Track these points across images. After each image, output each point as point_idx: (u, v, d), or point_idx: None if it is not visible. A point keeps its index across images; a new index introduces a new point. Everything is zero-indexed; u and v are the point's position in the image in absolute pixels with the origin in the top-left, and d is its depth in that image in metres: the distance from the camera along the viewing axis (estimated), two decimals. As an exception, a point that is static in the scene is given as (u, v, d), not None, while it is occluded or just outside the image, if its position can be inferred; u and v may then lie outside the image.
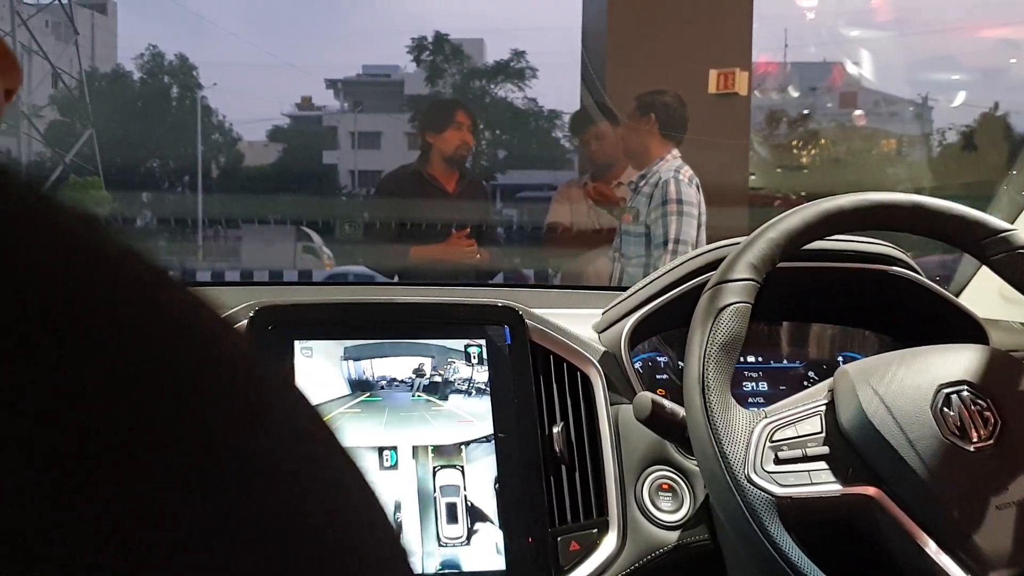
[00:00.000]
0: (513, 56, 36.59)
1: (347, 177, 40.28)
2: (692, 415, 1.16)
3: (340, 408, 1.34)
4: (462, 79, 37.15)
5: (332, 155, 41.26)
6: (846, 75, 23.52)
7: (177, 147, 36.04)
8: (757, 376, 1.60)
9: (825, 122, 26.08)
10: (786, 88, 21.96)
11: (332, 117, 43.99)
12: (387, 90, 43.68)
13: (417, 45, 37.26)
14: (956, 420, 1.13)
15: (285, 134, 42.81)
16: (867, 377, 1.17)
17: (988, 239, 1.28)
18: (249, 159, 39.99)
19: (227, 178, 36.88)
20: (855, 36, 15.39)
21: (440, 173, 4.32)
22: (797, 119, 22.29)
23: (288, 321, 1.38)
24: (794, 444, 1.15)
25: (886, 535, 1.12)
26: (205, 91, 38.71)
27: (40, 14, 27.95)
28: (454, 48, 37.32)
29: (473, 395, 1.39)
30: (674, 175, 3.99)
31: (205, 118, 37.26)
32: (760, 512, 1.09)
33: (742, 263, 1.22)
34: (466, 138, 4.37)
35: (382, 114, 41.00)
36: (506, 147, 37.03)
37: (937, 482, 1.10)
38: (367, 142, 41.28)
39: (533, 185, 26.46)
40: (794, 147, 21.51)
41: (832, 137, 24.84)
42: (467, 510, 1.32)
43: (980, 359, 1.21)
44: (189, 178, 34.51)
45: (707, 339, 1.17)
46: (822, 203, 1.27)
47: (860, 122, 26.35)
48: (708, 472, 1.15)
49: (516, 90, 37.11)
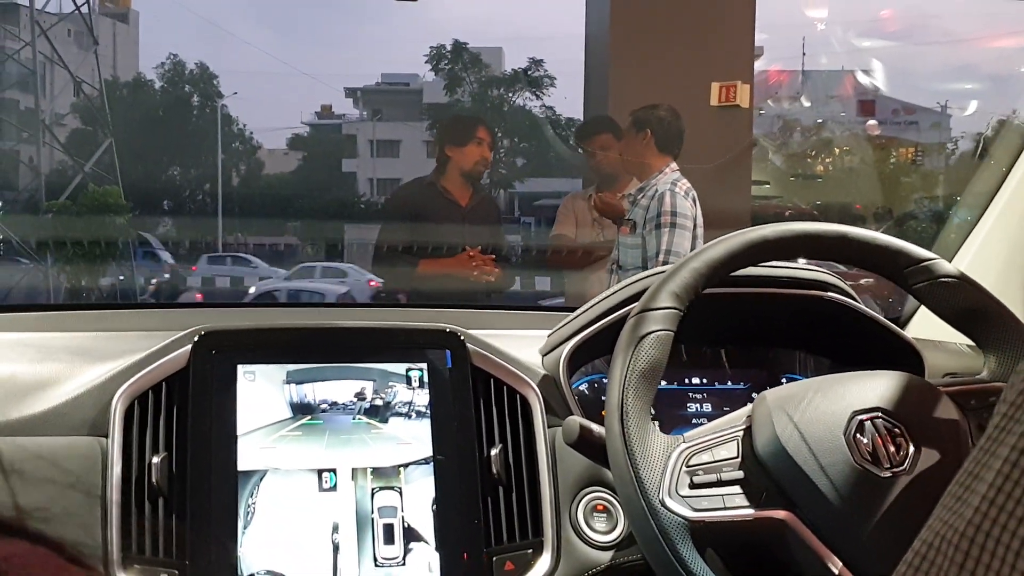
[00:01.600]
0: (531, 64, 36.63)
1: (366, 185, 40.40)
2: (611, 440, 1.18)
3: (281, 431, 1.37)
4: (480, 87, 37.18)
5: (351, 163, 41.40)
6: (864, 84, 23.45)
7: (197, 155, 36.21)
8: (702, 397, 1.63)
9: (841, 131, 25.97)
10: (801, 97, 21.90)
11: (351, 125, 44.16)
12: (406, 98, 43.80)
13: (436, 54, 37.35)
14: (868, 446, 1.15)
15: (305, 142, 42.99)
16: (783, 404, 1.20)
17: (910, 268, 1.30)
18: (269, 167, 40.15)
19: (247, 186, 37.02)
20: (873, 45, 15.39)
21: (455, 187, 4.36)
22: (813, 127, 22.24)
23: (231, 346, 1.41)
24: (710, 469, 1.17)
25: (798, 558, 1.14)
26: (225, 100, 38.88)
27: (62, 24, 28.06)
28: (473, 56, 37.38)
29: (413, 418, 1.42)
30: (670, 188, 4.01)
31: (225, 126, 37.45)
32: (673, 535, 1.11)
33: (665, 292, 1.25)
34: (485, 154, 4.41)
35: (401, 122, 41.11)
36: (524, 155, 37.03)
37: (848, 506, 1.12)
38: (386, 150, 41.42)
39: (550, 193, 26.46)
40: (810, 156, 21.46)
41: (849, 145, 24.74)
42: (404, 531, 1.35)
43: (895, 386, 1.23)
44: (209, 186, 34.65)
45: (628, 366, 1.20)
46: (747, 232, 1.30)
47: (876, 130, 26.24)
48: (625, 496, 1.17)
49: (534, 98, 37.13)
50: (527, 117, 36.73)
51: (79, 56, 27.96)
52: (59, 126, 28.02)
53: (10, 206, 23.78)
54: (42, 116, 24.87)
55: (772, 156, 13.33)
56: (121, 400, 1.33)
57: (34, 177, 24.09)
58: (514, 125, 35.88)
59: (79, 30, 29.77)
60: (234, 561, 1.29)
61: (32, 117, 25.59)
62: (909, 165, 24.87)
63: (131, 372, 1.37)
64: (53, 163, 25.30)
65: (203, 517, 1.30)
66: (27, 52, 24.32)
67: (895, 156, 25.21)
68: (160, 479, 1.30)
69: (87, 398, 1.36)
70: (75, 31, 30.59)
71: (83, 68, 26.26)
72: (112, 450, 1.31)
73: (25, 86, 26.08)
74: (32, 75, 24.36)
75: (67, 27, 29.81)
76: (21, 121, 27.09)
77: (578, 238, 4.68)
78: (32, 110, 25.86)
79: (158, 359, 1.38)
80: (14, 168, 26.64)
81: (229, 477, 1.33)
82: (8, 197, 24.81)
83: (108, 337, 1.61)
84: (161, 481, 1.30)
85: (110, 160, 23.26)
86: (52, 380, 1.41)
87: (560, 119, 36.68)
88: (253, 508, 1.32)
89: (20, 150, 26.94)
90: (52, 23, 25.92)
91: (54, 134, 25.60)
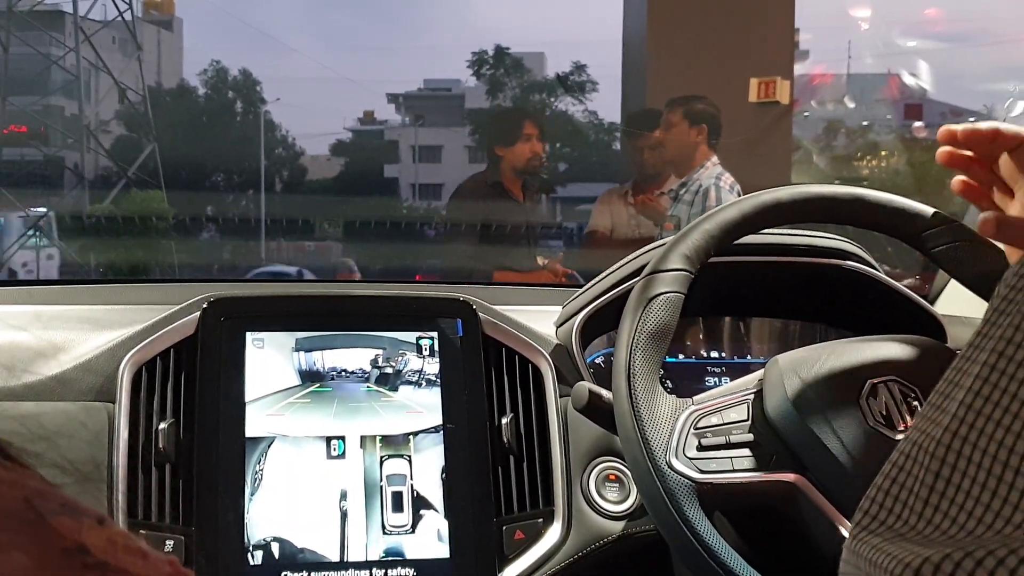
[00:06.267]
0: (574, 69, 36.63)
1: (408, 190, 40.55)
2: (618, 401, 1.17)
3: (290, 398, 1.37)
4: (522, 92, 37.22)
5: (393, 168, 41.57)
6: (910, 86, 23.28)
7: (240, 161, 36.45)
8: (720, 371, 1.61)
9: (887, 133, 25.76)
10: (845, 99, 21.75)
11: (394, 131, 44.37)
12: (448, 104, 43.99)
13: (478, 59, 37.49)
14: (882, 409, 1.13)
15: (347, 148, 43.20)
16: (796, 367, 1.18)
17: (929, 231, 1.27)
18: (312, 173, 40.37)
19: (290, 191, 37.25)
20: (918, 47, 15.25)
21: (510, 183, 4.35)
22: (858, 130, 22.08)
23: (240, 313, 1.40)
24: (718, 431, 1.16)
25: (807, 520, 1.12)
26: (269, 106, 39.18)
27: (107, 30, 28.35)
28: (515, 61, 37.44)
29: (423, 386, 1.41)
30: (715, 182, 3.99)
31: (268, 132, 37.69)
32: (679, 497, 1.10)
33: (675, 254, 1.23)
34: (536, 149, 4.40)
35: (443, 128, 41.26)
36: (567, 160, 37.04)
37: (859, 468, 1.10)
38: (428, 155, 41.55)
39: (592, 198, 26.45)
40: (855, 159, 21.29)
41: (894, 148, 24.54)
42: (413, 499, 1.34)
43: (910, 350, 1.20)
44: (252, 191, 34.88)
45: (636, 327, 1.18)
46: (760, 195, 1.28)
47: (923, 133, 26.02)
48: (631, 457, 1.16)
49: (576, 103, 37.14)
50: (568, 121, 36.71)
51: (123, 63, 28.30)
52: (103, 132, 28.27)
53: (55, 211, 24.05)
54: (86, 122, 25.16)
55: (816, 159, 13.21)
56: (129, 366, 1.33)
57: (78, 182, 24.35)
58: (556, 129, 35.88)
59: (123, 37, 30.10)
60: (241, 527, 1.28)
61: (76, 123, 25.91)
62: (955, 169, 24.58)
63: (139, 338, 1.36)
64: (97, 168, 25.58)
65: (210, 483, 1.29)
66: (71, 59, 24.61)
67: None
68: (167, 445, 1.29)
69: (95, 364, 1.36)
70: (119, 38, 30.93)
71: (127, 74, 26.57)
72: (119, 416, 1.30)
73: (70, 92, 26.42)
74: (76, 81, 24.66)
75: (111, 34, 30.15)
76: (66, 127, 27.40)
77: (614, 234, 4.66)
78: (76, 116, 26.17)
79: (166, 326, 1.37)
80: (59, 173, 26.92)
81: (237, 444, 1.32)
82: (53, 203, 25.07)
83: (118, 310, 1.60)
84: (168, 447, 1.30)
85: (153, 165, 23.50)
86: (60, 347, 1.41)
87: (603, 123, 36.71)
88: (260, 475, 1.31)
89: (65, 155, 27.21)
90: (96, 29, 26.22)
91: (98, 140, 25.88)
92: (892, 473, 0.57)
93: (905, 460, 0.56)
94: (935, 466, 0.53)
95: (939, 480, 0.53)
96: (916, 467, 0.55)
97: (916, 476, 0.55)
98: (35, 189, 26.03)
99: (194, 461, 1.30)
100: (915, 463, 0.55)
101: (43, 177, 27.12)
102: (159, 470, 1.30)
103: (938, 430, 0.54)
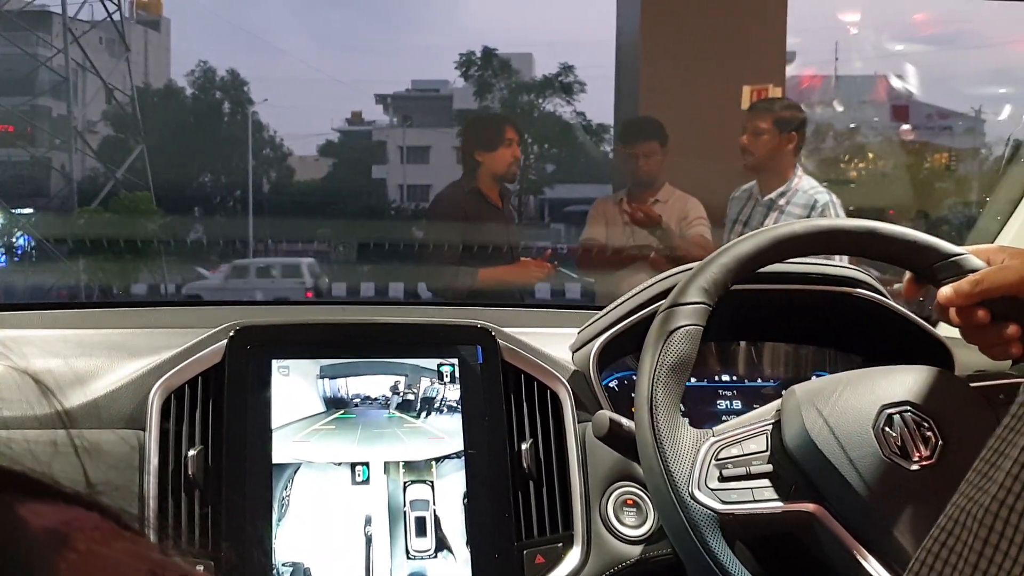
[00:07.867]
0: (562, 70, 36.58)
1: (396, 191, 40.53)
2: (641, 433, 1.20)
3: (315, 425, 1.39)
4: (510, 93, 37.18)
5: (381, 169, 41.54)
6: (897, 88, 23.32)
7: (228, 162, 36.38)
8: (731, 395, 1.64)
9: (875, 136, 25.84)
10: (834, 101, 21.81)
11: (382, 132, 44.32)
12: (436, 105, 43.95)
13: (466, 60, 37.38)
14: (897, 440, 1.16)
15: (335, 148, 43.13)
16: (812, 398, 1.21)
17: (939, 263, 1.30)
18: (300, 173, 40.32)
19: (278, 192, 37.19)
20: (906, 50, 15.30)
21: (489, 189, 4.32)
22: (846, 132, 22.15)
23: (266, 341, 1.43)
24: (739, 462, 1.18)
25: (827, 550, 1.15)
26: (256, 106, 39.10)
27: (94, 31, 28.26)
28: (503, 63, 37.36)
29: (445, 412, 1.44)
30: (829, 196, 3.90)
31: (256, 133, 37.59)
32: (703, 528, 1.13)
33: (694, 287, 1.26)
34: (516, 154, 4.34)
35: (431, 128, 41.23)
36: (555, 161, 37.02)
37: (877, 499, 1.13)
38: (416, 156, 41.52)
39: (580, 199, 26.45)
40: (843, 161, 21.35)
41: (882, 150, 24.62)
42: (436, 524, 1.37)
43: (925, 380, 1.23)
44: (240, 192, 34.80)
45: (657, 361, 1.21)
46: (776, 228, 1.31)
47: (910, 135, 26.09)
48: (654, 488, 1.18)
49: (564, 104, 37.08)
50: (557, 123, 36.68)
51: (111, 63, 28.21)
52: (91, 133, 28.19)
53: (43, 212, 23.96)
54: (74, 123, 25.07)
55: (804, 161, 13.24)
56: (158, 394, 1.35)
57: (66, 183, 24.27)
58: (544, 131, 35.85)
59: (111, 38, 30.01)
60: (268, 553, 1.31)
61: (64, 124, 25.81)
62: (943, 170, 24.70)
63: (168, 367, 1.39)
64: (85, 169, 25.50)
65: (238, 509, 1.32)
66: (59, 59, 24.52)
67: (929, 161, 25.04)
68: (196, 472, 1.32)
69: (124, 392, 1.38)
70: (107, 39, 30.81)
71: (115, 75, 26.49)
72: (149, 443, 1.32)
73: (58, 93, 26.30)
74: (64, 82, 24.58)
75: (99, 35, 30.04)
76: (54, 128, 27.29)
77: (608, 241, 4.66)
78: (64, 117, 26.07)
79: (194, 354, 1.40)
80: (47, 174, 26.84)
81: (264, 470, 1.34)
82: (41, 203, 24.99)
83: (143, 334, 1.63)
84: (197, 474, 1.32)
85: (141, 166, 23.44)
86: (90, 375, 1.43)
87: (591, 125, 36.66)
88: (287, 501, 1.34)
89: (53, 156, 27.11)
90: (84, 30, 26.13)
91: (86, 140, 25.80)
92: (941, 537, 0.60)
93: (953, 525, 0.59)
94: (983, 533, 0.56)
95: (987, 547, 0.55)
96: (965, 532, 0.58)
97: (964, 541, 0.57)
98: (22, 189, 25.95)
99: (222, 487, 1.33)
100: (964, 529, 0.58)
101: (30, 178, 27.02)
102: (188, 496, 1.32)
103: (986, 498, 0.57)
